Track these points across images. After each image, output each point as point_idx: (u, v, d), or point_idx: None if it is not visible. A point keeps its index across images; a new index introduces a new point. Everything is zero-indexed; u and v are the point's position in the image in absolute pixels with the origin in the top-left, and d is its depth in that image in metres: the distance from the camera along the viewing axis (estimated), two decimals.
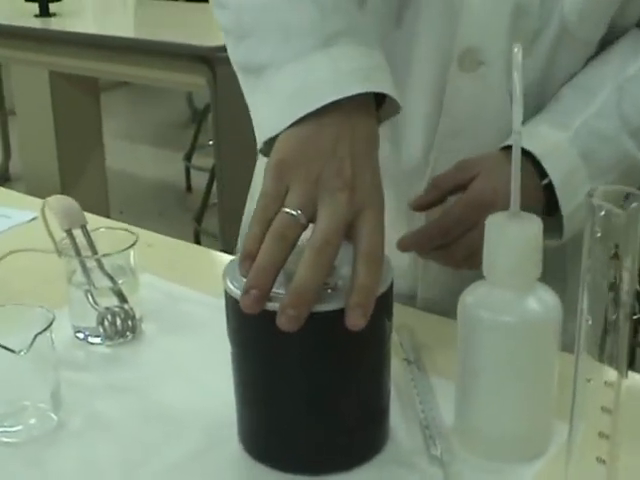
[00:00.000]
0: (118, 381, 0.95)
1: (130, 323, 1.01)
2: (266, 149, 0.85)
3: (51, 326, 0.85)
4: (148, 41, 3.10)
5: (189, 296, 1.11)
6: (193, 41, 3.03)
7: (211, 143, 3.55)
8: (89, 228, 1.04)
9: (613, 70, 1.01)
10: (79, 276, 1.01)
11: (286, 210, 0.75)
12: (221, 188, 3.21)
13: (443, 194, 0.97)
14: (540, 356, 0.78)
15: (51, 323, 0.85)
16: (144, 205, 4.17)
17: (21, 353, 0.82)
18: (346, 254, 0.81)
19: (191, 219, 3.80)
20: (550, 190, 0.96)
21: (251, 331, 0.77)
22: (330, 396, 0.78)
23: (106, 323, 1.00)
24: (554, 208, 0.96)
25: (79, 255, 1.01)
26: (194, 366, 0.97)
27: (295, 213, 0.75)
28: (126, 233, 1.04)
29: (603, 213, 0.61)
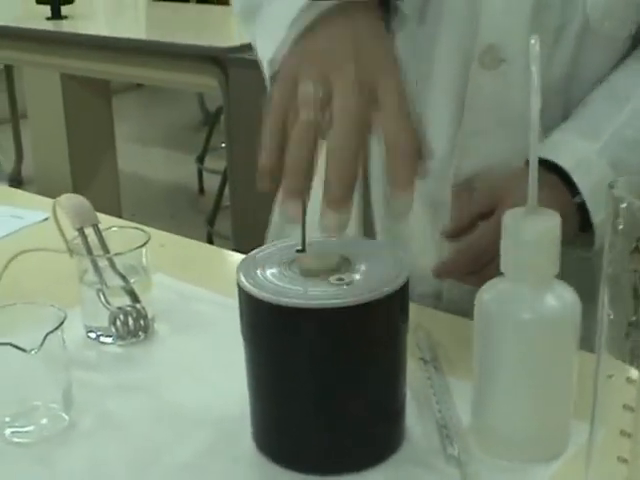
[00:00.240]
0: (130, 381, 0.94)
1: (142, 323, 1.00)
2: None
3: (62, 325, 0.84)
4: (160, 42, 3.10)
5: (202, 296, 1.10)
6: (205, 42, 3.03)
7: (223, 145, 3.55)
8: (101, 227, 1.03)
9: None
10: (91, 275, 1.00)
11: (301, 90, 0.75)
12: (233, 190, 3.20)
13: (472, 221, 0.96)
14: (558, 354, 0.76)
15: (62, 322, 0.84)
16: (156, 208, 4.17)
17: (32, 352, 0.81)
18: (362, 249, 0.80)
19: (203, 221, 3.80)
20: (581, 204, 0.94)
21: (265, 326, 0.76)
22: (344, 394, 0.76)
23: (118, 323, 0.99)
24: (586, 220, 0.94)
25: (91, 254, 1.00)
26: (207, 366, 0.96)
27: (311, 88, 0.74)
28: (138, 232, 1.03)
29: (625, 205, 0.59)
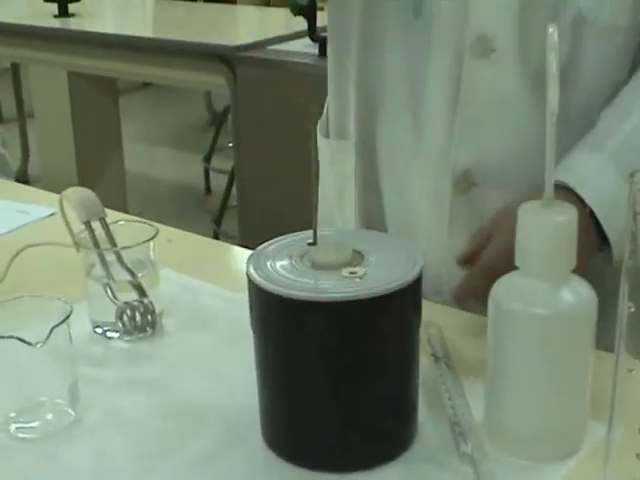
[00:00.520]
0: (137, 376, 0.93)
1: (150, 318, 0.99)
2: None
3: (69, 319, 0.82)
4: (167, 40, 3.09)
5: (209, 291, 1.09)
6: (212, 40, 3.02)
7: (230, 145, 3.54)
8: (108, 221, 1.02)
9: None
10: (98, 269, 0.99)
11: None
12: (240, 190, 3.19)
13: (479, 247, 0.96)
14: (574, 350, 0.75)
15: (69, 315, 0.82)
16: (163, 207, 4.16)
17: (37, 346, 0.79)
18: (375, 243, 0.79)
19: (210, 221, 3.79)
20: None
21: (275, 319, 0.75)
22: (355, 389, 0.75)
23: (125, 318, 0.98)
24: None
25: (98, 247, 0.99)
26: (214, 361, 0.95)
27: None
28: (146, 226, 1.02)
29: None
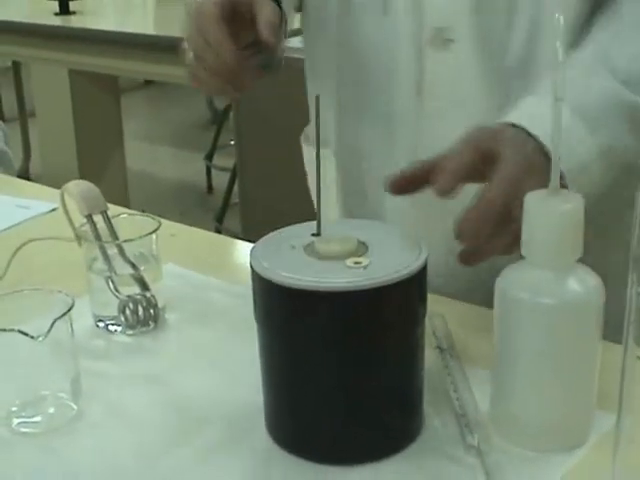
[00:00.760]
0: (139, 370, 0.92)
1: (152, 312, 0.99)
2: None
3: (70, 311, 0.82)
4: (168, 38, 3.07)
5: (212, 285, 1.09)
6: None
7: (232, 143, 3.54)
8: (109, 215, 1.01)
9: (591, 45, 0.95)
10: (100, 263, 0.98)
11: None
12: (242, 188, 3.19)
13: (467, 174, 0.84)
14: (581, 340, 0.74)
15: (70, 308, 0.82)
16: (165, 205, 4.16)
17: (39, 339, 0.79)
18: (379, 233, 0.79)
19: (212, 219, 3.78)
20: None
21: (280, 310, 0.75)
22: (360, 381, 0.75)
23: (127, 311, 0.97)
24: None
25: (99, 240, 0.98)
26: (217, 355, 0.95)
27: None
28: (148, 220, 1.01)
29: None
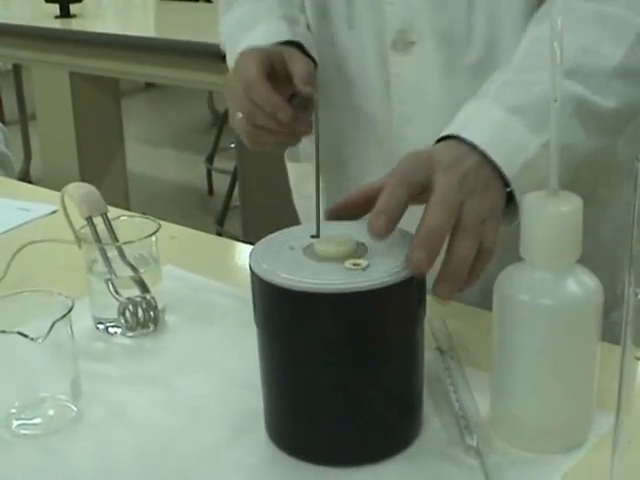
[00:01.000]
0: (139, 372, 0.93)
1: (152, 314, 0.99)
2: None
3: (70, 313, 0.82)
4: (169, 40, 3.08)
5: (212, 287, 1.09)
6: (214, 40, 3.01)
7: (233, 145, 3.54)
8: (109, 217, 1.01)
9: (529, 34, 0.94)
10: (100, 265, 0.98)
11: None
12: (243, 190, 3.18)
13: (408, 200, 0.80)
14: (580, 341, 0.74)
15: (70, 309, 0.82)
16: (166, 208, 4.15)
17: (39, 340, 0.79)
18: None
19: (213, 222, 3.78)
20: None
21: (279, 312, 0.75)
22: (359, 382, 0.75)
23: (127, 313, 0.97)
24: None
25: (99, 242, 0.98)
26: (217, 357, 0.95)
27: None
28: (148, 222, 1.01)
29: None
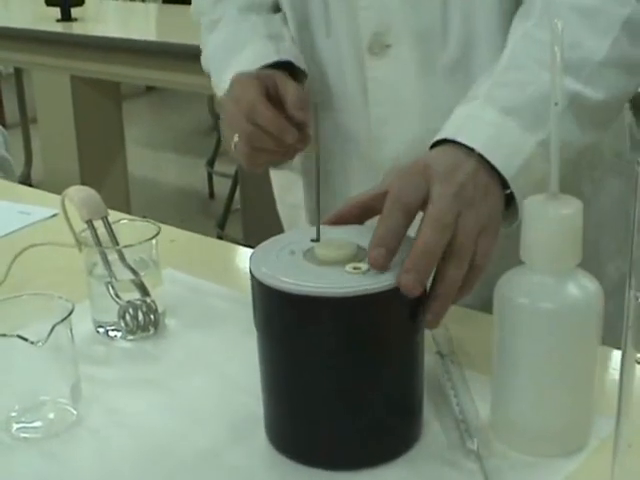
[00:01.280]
0: (140, 376, 0.92)
1: (152, 317, 0.99)
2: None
3: (70, 316, 0.82)
4: (170, 44, 3.08)
5: (212, 290, 1.09)
6: None
7: None
8: (110, 220, 1.01)
9: (513, 34, 0.94)
10: (100, 269, 0.98)
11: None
12: (244, 194, 3.19)
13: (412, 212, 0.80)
14: (581, 345, 0.74)
15: (70, 313, 0.82)
16: (166, 212, 4.15)
17: (39, 344, 0.79)
18: None
19: (214, 225, 3.78)
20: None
21: (279, 316, 0.75)
22: (360, 386, 0.74)
23: (128, 317, 0.97)
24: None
25: (100, 246, 0.98)
26: (218, 361, 0.94)
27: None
28: (148, 226, 1.01)
29: None
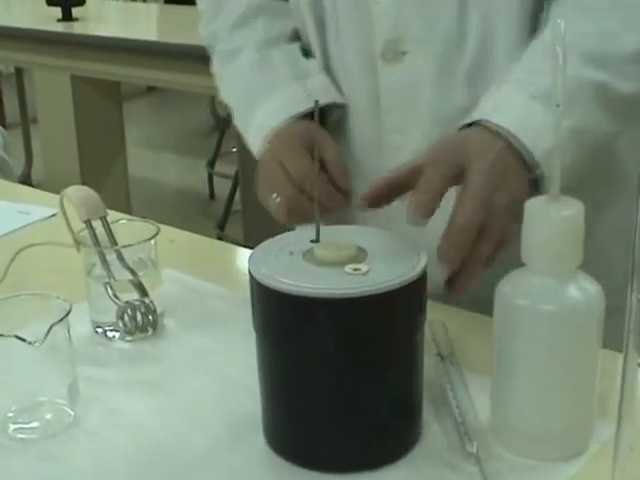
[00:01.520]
0: (138, 377, 0.92)
1: (151, 317, 0.98)
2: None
3: (68, 316, 0.81)
4: (171, 44, 3.08)
5: (211, 291, 1.08)
6: None
7: (234, 150, 3.53)
8: (109, 220, 1.00)
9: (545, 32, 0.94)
10: (98, 269, 0.98)
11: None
12: (244, 195, 3.18)
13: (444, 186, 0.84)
14: (581, 347, 0.74)
15: (68, 313, 0.81)
16: (167, 212, 4.14)
17: (36, 344, 0.78)
18: (379, 240, 0.78)
19: (214, 226, 3.78)
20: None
21: (278, 317, 0.74)
22: (359, 388, 0.74)
23: (126, 317, 0.97)
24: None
25: (98, 245, 0.98)
26: (217, 362, 0.94)
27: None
28: (147, 226, 1.01)
29: None
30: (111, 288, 0.97)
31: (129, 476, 0.78)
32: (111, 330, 0.98)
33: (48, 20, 3.51)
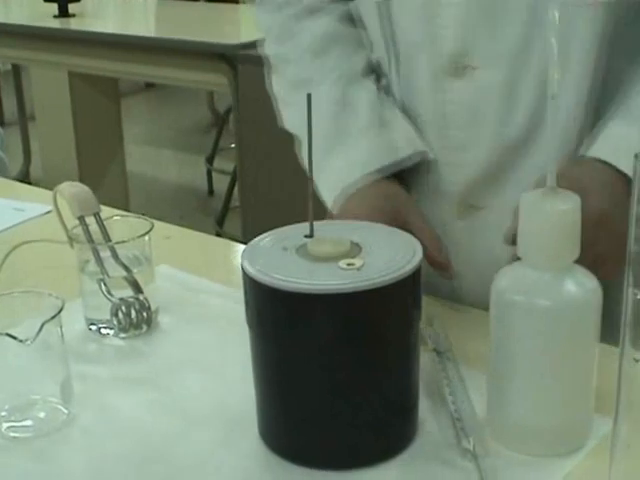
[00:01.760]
0: (132, 374, 0.91)
1: (145, 314, 0.98)
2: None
3: (60, 314, 0.81)
4: (168, 40, 3.07)
5: (206, 287, 1.08)
6: (214, 39, 3.01)
7: (233, 146, 3.53)
8: (102, 216, 1.00)
9: None
10: (92, 266, 0.97)
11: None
12: (243, 191, 3.18)
13: None
14: (579, 342, 0.73)
15: (60, 310, 0.81)
16: (165, 209, 4.14)
17: (28, 342, 0.78)
18: (373, 235, 0.78)
19: (213, 222, 3.78)
20: None
21: (272, 313, 0.74)
22: (354, 384, 0.74)
23: (120, 314, 0.96)
24: None
25: (92, 242, 0.97)
26: (211, 359, 0.94)
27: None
28: (141, 222, 1.00)
29: None
30: (105, 285, 0.96)
31: (123, 474, 0.77)
32: (105, 327, 0.98)
33: (45, 16, 3.50)
